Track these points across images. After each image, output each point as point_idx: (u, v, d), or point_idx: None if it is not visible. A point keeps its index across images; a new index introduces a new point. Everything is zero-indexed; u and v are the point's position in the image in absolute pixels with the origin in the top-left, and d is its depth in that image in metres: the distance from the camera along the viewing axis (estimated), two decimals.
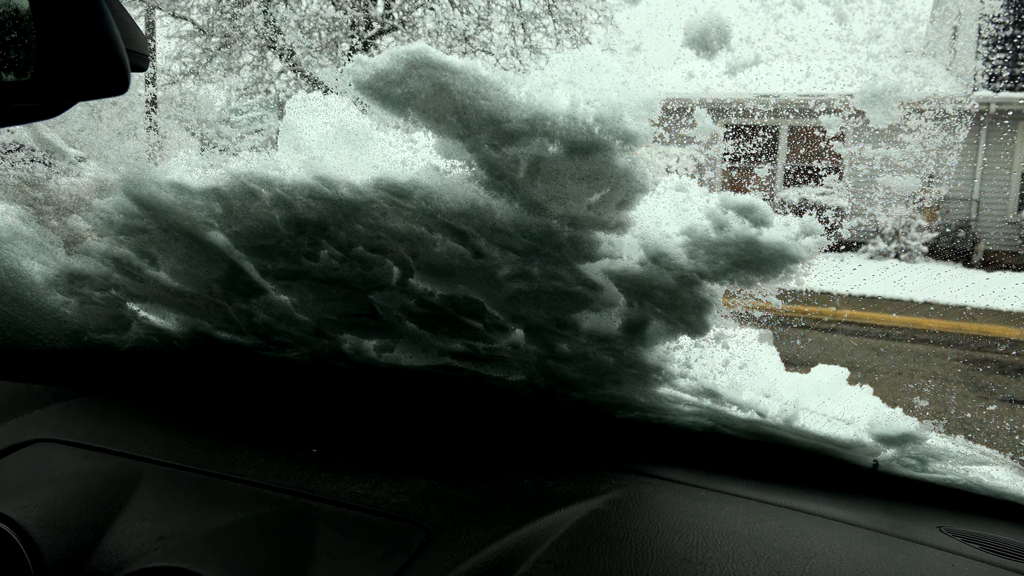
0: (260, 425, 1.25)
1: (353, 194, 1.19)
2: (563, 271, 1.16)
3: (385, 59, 1.09)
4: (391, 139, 1.29)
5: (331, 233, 1.25)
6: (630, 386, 1.25)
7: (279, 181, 1.23)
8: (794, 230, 1.10)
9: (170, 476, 1.04)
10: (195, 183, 1.28)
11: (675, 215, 1.19)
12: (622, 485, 1.05)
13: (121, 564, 0.85)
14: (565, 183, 1.10)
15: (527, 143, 1.07)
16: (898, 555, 0.93)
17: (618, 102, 1.07)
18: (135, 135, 15.23)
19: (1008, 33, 14.67)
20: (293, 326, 1.40)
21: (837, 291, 8.86)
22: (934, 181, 14.90)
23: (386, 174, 1.18)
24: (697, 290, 1.13)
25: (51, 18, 0.76)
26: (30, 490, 0.99)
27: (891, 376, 6.34)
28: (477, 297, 1.25)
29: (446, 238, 1.20)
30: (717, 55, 1.28)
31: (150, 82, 14.63)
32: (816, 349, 6.89)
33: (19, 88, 0.80)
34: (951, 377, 6.58)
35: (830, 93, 12.28)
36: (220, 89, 18.44)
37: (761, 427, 1.19)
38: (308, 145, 1.29)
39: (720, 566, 0.85)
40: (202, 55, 16.91)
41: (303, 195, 1.22)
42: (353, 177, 1.21)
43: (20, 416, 1.25)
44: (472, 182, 1.15)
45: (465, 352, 1.31)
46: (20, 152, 5.35)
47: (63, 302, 1.60)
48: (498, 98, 1.06)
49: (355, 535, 0.90)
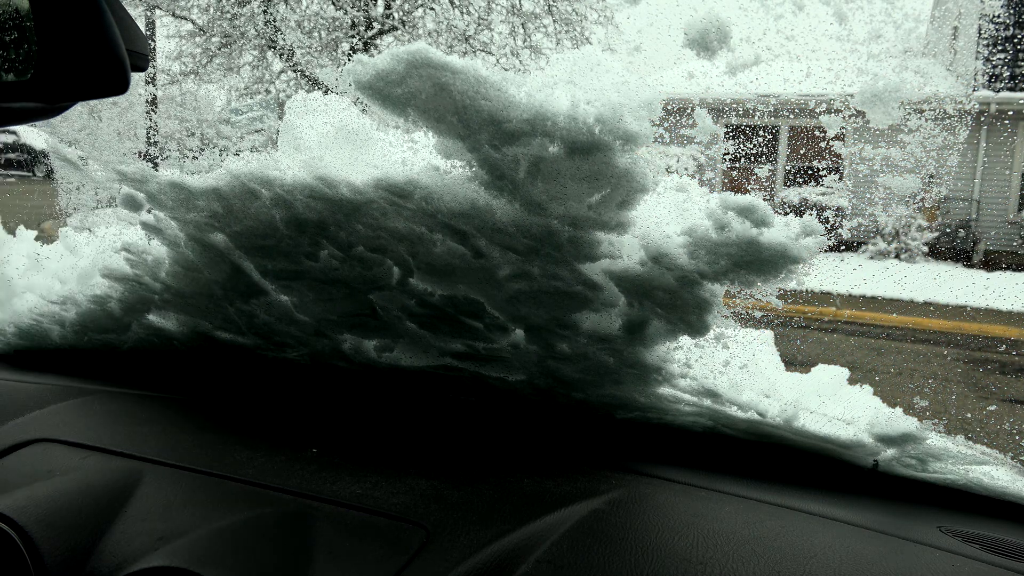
0: (260, 425, 1.25)
1: (353, 194, 1.19)
2: (563, 271, 1.16)
3: (385, 59, 1.09)
4: (391, 139, 1.29)
5: (331, 233, 1.25)
6: (630, 386, 1.25)
7: (279, 181, 1.23)
8: (795, 230, 1.10)
9: (170, 476, 1.04)
10: (195, 183, 1.28)
11: (676, 215, 1.19)
12: (622, 485, 1.05)
13: (121, 564, 0.85)
14: (565, 183, 1.10)
15: (527, 143, 1.07)
16: (898, 555, 0.93)
17: (618, 102, 1.07)
18: (135, 135, 15.23)
19: (1008, 33, 14.67)
20: (293, 326, 1.40)
21: (837, 291, 8.87)
22: (934, 181, 14.90)
23: (386, 174, 1.18)
24: (698, 290, 1.13)
25: (51, 18, 0.76)
26: (30, 490, 0.99)
27: (891, 376, 6.34)
28: (477, 297, 1.25)
29: (446, 238, 1.20)
30: (717, 55, 1.28)
31: (150, 82, 14.63)
32: (816, 349, 6.89)
33: (19, 88, 0.80)
34: (951, 377, 6.58)
35: (830, 93, 12.27)
36: (220, 89, 18.45)
37: (761, 427, 1.19)
38: (308, 145, 1.29)
39: (720, 566, 0.85)
40: (202, 55, 16.92)
41: (303, 195, 1.22)
42: (353, 177, 1.21)
43: (20, 416, 1.25)
44: (472, 182, 1.15)
45: (465, 352, 1.31)
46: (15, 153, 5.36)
47: (63, 300, 1.61)
48: (498, 98, 1.06)
49: (355, 535, 0.90)
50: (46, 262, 1.79)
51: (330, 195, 1.20)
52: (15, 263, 1.78)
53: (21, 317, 1.63)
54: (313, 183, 1.20)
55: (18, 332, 1.63)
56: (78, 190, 8.14)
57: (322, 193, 1.20)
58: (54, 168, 4.93)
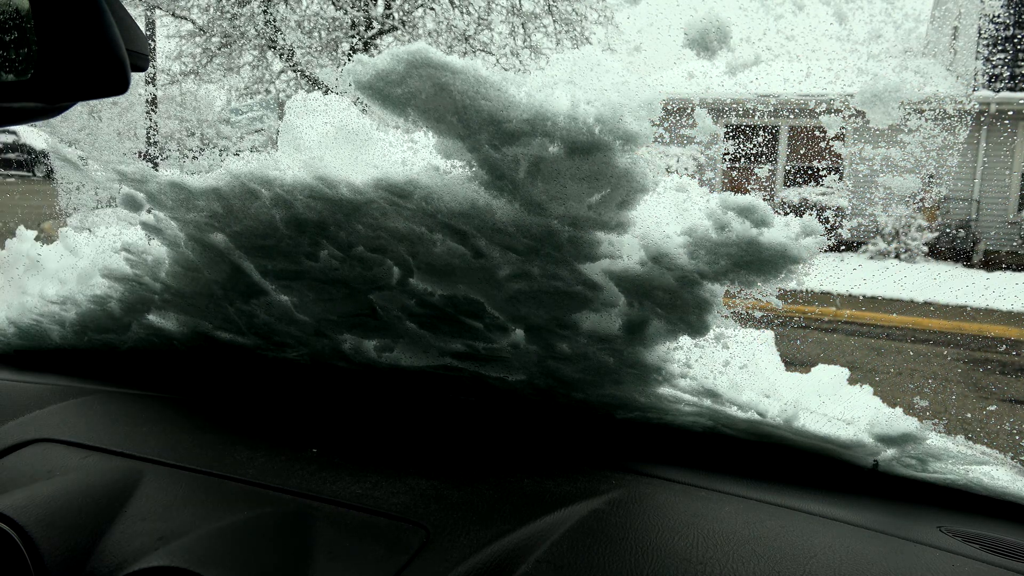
0: (260, 425, 1.25)
1: (353, 194, 1.19)
2: (563, 271, 1.16)
3: (385, 59, 1.09)
4: (391, 139, 1.29)
5: (331, 233, 1.25)
6: (630, 386, 1.25)
7: (279, 181, 1.23)
8: (794, 230, 1.10)
9: (170, 476, 1.04)
10: (195, 183, 1.28)
11: (676, 215, 1.19)
12: (622, 485, 1.05)
13: (121, 564, 0.85)
14: (565, 183, 1.10)
15: (527, 143, 1.07)
16: (898, 555, 0.93)
17: (618, 102, 1.07)
18: (135, 135, 15.23)
19: (1008, 33, 14.67)
20: (293, 326, 1.40)
21: (837, 291, 8.86)
22: (934, 181, 14.90)
23: (386, 174, 1.18)
24: (698, 290, 1.13)
25: (51, 18, 0.76)
26: (30, 490, 0.99)
27: (891, 376, 6.34)
28: (477, 297, 1.25)
29: (446, 238, 1.20)
30: (717, 55, 1.28)
31: (150, 82, 14.62)
32: (816, 349, 6.89)
33: (19, 88, 0.80)
34: (951, 377, 6.58)
35: (830, 93, 12.27)
36: (220, 89, 18.44)
37: (761, 427, 1.19)
38: (308, 145, 1.29)
39: (720, 566, 0.85)
40: (202, 55, 16.91)
41: (303, 195, 1.22)
42: (353, 177, 1.21)
43: (20, 416, 1.25)
44: (472, 182, 1.15)
45: (465, 352, 1.31)
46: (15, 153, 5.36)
47: (62, 301, 1.60)
48: (498, 98, 1.06)
49: (355, 535, 0.90)
50: (46, 262, 1.79)
51: (330, 195, 1.20)
52: (16, 263, 1.78)
53: (21, 317, 1.63)
54: (313, 183, 1.20)
55: (18, 332, 1.63)
56: (78, 190, 8.14)
57: (322, 193, 1.20)
58: (54, 168, 4.93)
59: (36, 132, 9.39)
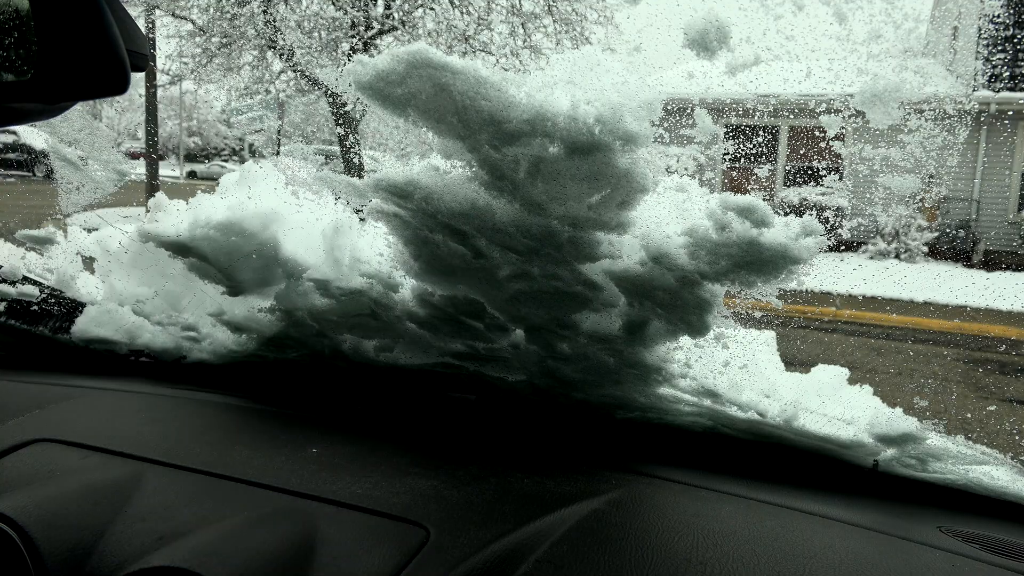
0: (260, 425, 1.25)
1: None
2: (563, 271, 1.16)
3: (385, 59, 1.09)
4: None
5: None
6: (630, 386, 1.25)
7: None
8: (795, 230, 1.10)
9: (170, 476, 1.04)
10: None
11: (676, 215, 1.19)
12: (622, 485, 1.05)
13: (121, 564, 0.85)
14: (565, 183, 1.10)
15: (527, 143, 1.07)
16: (898, 555, 0.93)
17: (618, 102, 1.07)
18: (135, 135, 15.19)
19: (1008, 33, 14.67)
20: (293, 327, 1.40)
21: (837, 291, 8.85)
22: (934, 181, 14.89)
23: (386, 174, 1.18)
24: (698, 291, 1.13)
25: (51, 18, 0.76)
26: (30, 490, 0.99)
27: (891, 376, 6.33)
28: (477, 297, 1.25)
29: (446, 238, 1.20)
30: (717, 55, 1.28)
31: (150, 83, 14.61)
32: (816, 349, 6.89)
33: (19, 88, 0.80)
34: (951, 377, 6.58)
35: (830, 93, 12.24)
36: (220, 89, 18.43)
37: (761, 427, 1.19)
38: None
39: (720, 566, 0.85)
40: (202, 55, 16.90)
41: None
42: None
43: (20, 416, 1.25)
44: (472, 182, 1.14)
45: (465, 352, 1.31)
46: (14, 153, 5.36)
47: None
48: (498, 98, 1.06)
49: (355, 535, 0.90)
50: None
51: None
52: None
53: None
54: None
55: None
56: (92, 191, 8.11)
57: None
58: (54, 168, 4.93)
59: (36, 132, 9.37)
